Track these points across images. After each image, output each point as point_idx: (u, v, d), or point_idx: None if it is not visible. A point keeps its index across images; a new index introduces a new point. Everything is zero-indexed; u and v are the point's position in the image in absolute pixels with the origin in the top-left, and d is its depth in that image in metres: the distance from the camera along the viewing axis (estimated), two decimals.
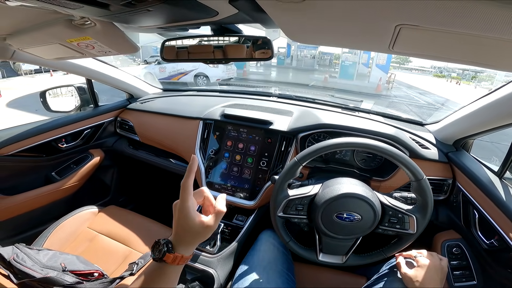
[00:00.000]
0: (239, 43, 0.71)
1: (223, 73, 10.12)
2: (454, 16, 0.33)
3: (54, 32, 0.64)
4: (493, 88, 0.90)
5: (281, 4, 0.40)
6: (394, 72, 14.15)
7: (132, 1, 0.39)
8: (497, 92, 0.86)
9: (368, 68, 15.00)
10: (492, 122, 0.91)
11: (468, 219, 0.97)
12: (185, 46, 0.73)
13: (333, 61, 21.07)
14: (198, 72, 9.51)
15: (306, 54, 19.72)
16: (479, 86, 10.30)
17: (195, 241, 0.51)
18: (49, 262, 0.84)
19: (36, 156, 1.39)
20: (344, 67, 14.85)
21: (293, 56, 19.93)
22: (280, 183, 0.85)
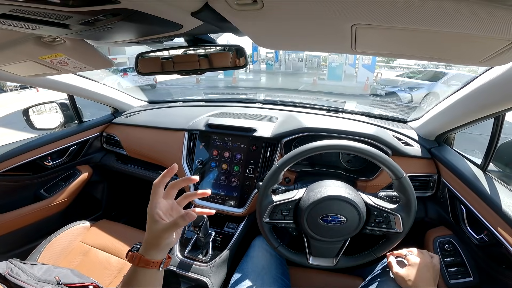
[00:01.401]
0: (224, 51, 0.71)
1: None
2: (397, 12, 0.34)
3: (25, 50, 0.64)
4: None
5: (241, 12, 0.41)
6: (380, 71, 14.38)
7: (89, 20, 0.40)
8: (470, 85, 0.86)
9: (354, 69, 15.22)
10: (469, 115, 0.92)
11: (456, 214, 0.96)
12: (170, 56, 0.73)
13: (321, 64, 21.31)
14: None
15: (294, 58, 19.92)
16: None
17: (156, 242, 0.50)
18: (43, 276, 0.84)
19: (23, 174, 1.38)
20: (332, 68, 15.04)
21: (281, 61, 20.11)
22: (263, 190, 0.85)
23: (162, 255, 0.52)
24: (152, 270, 0.50)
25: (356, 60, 14.88)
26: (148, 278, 0.50)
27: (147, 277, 0.50)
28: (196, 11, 0.44)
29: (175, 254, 1.09)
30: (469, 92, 0.86)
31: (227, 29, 0.57)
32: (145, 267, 0.49)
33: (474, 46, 0.41)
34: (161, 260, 0.51)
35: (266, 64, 20.81)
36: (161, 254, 0.51)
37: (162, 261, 0.51)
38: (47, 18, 0.38)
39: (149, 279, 0.50)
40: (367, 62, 13.61)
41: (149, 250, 0.50)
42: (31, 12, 0.35)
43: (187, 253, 1.09)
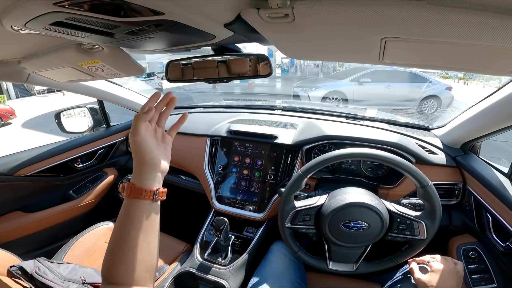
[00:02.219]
0: (244, 58, 0.74)
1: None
2: (428, 26, 0.35)
3: (66, 56, 0.69)
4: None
5: (272, 25, 0.43)
6: None
7: (134, 30, 0.43)
8: (501, 91, 0.85)
9: None
10: (497, 124, 0.90)
11: (482, 222, 0.95)
12: (190, 62, 0.76)
13: (336, 69, 21.07)
14: None
15: (309, 63, 19.83)
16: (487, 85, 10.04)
17: (141, 160, 0.48)
18: (69, 275, 0.88)
19: (54, 176, 1.46)
20: None
21: (297, 66, 20.07)
22: (286, 196, 0.87)
23: (154, 182, 0.48)
24: (145, 202, 0.47)
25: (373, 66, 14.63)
26: (142, 212, 0.46)
27: (141, 210, 0.46)
28: (229, 23, 0.47)
29: (195, 256, 1.12)
30: (498, 100, 0.85)
31: (255, 40, 0.59)
32: (138, 198, 0.46)
33: (503, 57, 0.42)
34: (154, 189, 0.47)
35: (282, 70, 20.84)
36: (151, 179, 0.48)
37: (155, 191, 0.48)
38: (97, 27, 0.41)
39: (144, 212, 0.46)
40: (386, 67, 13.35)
41: (138, 175, 0.48)
42: (83, 21, 0.38)
43: (207, 256, 1.11)
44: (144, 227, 0.46)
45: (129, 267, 0.45)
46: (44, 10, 0.33)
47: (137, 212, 0.46)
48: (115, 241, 0.46)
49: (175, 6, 0.37)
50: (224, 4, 0.40)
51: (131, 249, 0.45)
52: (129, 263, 0.45)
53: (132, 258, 0.45)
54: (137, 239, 0.46)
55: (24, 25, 0.38)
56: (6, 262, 0.83)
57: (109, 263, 0.45)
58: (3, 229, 1.25)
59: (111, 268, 0.45)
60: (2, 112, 8.67)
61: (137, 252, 0.45)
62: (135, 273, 0.45)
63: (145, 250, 0.46)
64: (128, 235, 0.46)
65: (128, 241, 0.45)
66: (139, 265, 0.45)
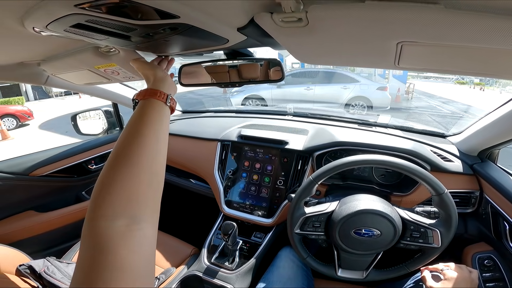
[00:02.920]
0: (254, 62, 0.74)
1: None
2: (446, 30, 0.35)
3: (83, 59, 0.71)
4: None
5: (285, 29, 0.43)
6: (412, 81, 13.73)
7: (150, 33, 0.44)
8: None
9: (385, 79, 14.71)
10: None
11: (498, 230, 0.93)
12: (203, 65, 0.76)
13: None
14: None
15: (320, 67, 19.77)
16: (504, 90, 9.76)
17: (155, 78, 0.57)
18: None
19: (68, 176, 1.50)
20: None
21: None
22: (296, 202, 0.86)
23: (168, 89, 0.54)
24: (160, 103, 0.49)
25: (386, 71, 14.41)
26: (156, 111, 0.48)
27: (156, 109, 0.48)
28: (242, 27, 0.48)
29: (202, 260, 1.12)
30: None
31: (268, 44, 0.59)
32: (153, 98, 0.49)
33: None
34: (168, 93, 0.52)
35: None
36: (165, 87, 0.54)
37: (168, 95, 0.51)
38: (114, 29, 0.42)
39: (157, 111, 0.48)
40: (398, 73, 13.08)
41: (153, 82, 0.55)
42: (102, 23, 0.39)
43: (214, 260, 1.11)
44: (157, 128, 0.45)
45: (133, 173, 0.38)
46: (66, 12, 0.34)
47: (150, 110, 0.47)
48: (121, 144, 0.42)
49: (190, 9, 0.37)
50: (237, 8, 0.40)
51: (139, 150, 0.41)
52: (134, 168, 0.39)
53: (139, 161, 0.40)
54: (148, 139, 0.42)
55: (45, 26, 0.39)
56: (15, 261, 0.84)
57: (111, 166, 0.39)
58: (15, 228, 1.29)
59: (110, 173, 0.38)
60: (20, 113, 8.99)
61: (145, 156, 0.41)
62: (140, 183, 0.38)
63: (155, 156, 0.42)
64: (139, 134, 0.42)
65: (137, 141, 0.41)
66: (145, 172, 0.40)
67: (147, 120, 0.45)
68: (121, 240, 0.33)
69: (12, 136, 7.56)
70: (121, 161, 0.39)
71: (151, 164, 0.41)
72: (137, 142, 0.41)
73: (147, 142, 0.42)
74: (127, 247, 0.33)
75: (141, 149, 0.41)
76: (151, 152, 0.42)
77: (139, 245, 0.34)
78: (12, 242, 1.21)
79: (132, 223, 0.35)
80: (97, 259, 0.31)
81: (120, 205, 0.36)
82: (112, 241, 0.32)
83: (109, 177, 0.38)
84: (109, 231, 0.33)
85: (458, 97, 13.24)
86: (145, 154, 0.41)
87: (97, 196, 0.36)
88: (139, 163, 0.40)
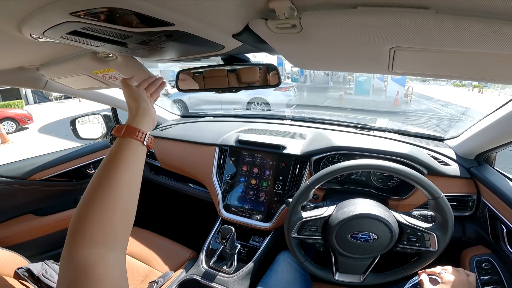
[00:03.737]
0: (251, 66, 0.75)
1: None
2: (437, 35, 0.35)
3: (82, 64, 0.72)
4: None
5: (279, 35, 0.43)
6: (411, 84, 13.78)
7: (145, 40, 0.45)
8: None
9: (384, 82, 14.76)
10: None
11: (496, 233, 0.93)
12: (200, 71, 0.78)
13: (347, 77, 20.99)
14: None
15: (319, 72, 19.84)
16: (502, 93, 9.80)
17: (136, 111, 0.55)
18: None
19: (67, 181, 1.50)
20: (359, 82, 14.65)
21: (307, 75, 20.12)
22: (293, 206, 0.87)
23: (147, 127, 0.54)
24: (137, 143, 0.50)
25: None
26: (133, 151, 0.49)
27: (132, 150, 0.49)
28: (237, 33, 0.48)
29: (200, 264, 1.12)
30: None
31: (264, 50, 0.60)
32: (131, 137, 0.49)
33: None
34: (146, 132, 0.52)
35: (292, 79, 20.93)
36: (144, 124, 0.53)
37: (146, 134, 0.52)
38: (110, 36, 0.43)
39: (134, 152, 0.49)
40: (397, 76, 13.18)
41: (133, 118, 0.53)
42: (98, 30, 0.40)
43: (212, 264, 1.11)
44: (132, 167, 0.47)
45: (108, 208, 0.42)
46: (61, 20, 0.35)
47: (127, 150, 0.48)
48: (98, 180, 0.44)
49: (185, 17, 0.38)
50: (232, 15, 0.41)
51: (114, 187, 0.43)
52: (109, 203, 0.42)
53: (114, 198, 0.43)
54: (123, 177, 0.45)
55: (42, 33, 0.40)
56: (14, 264, 0.84)
57: (88, 200, 0.42)
58: (14, 231, 1.29)
59: (88, 207, 0.42)
60: (19, 117, 8.99)
61: (120, 192, 0.44)
62: (113, 216, 0.42)
63: (129, 193, 0.46)
64: (115, 172, 0.45)
65: (113, 178, 0.44)
66: (119, 207, 0.43)
67: (123, 160, 0.47)
68: (99, 261, 0.38)
69: (12, 139, 7.56)
70: (97, 196, 0.43)
71: (124, 202, 0.45)
72: (112, 181, 0.44)
73: (122, 182, 0.45)
74: (105, 265, 0.38)
75: (115, 187, 0.44)
76: (125, 191, 0.45)
77: (113, 263, 0.40)
78: (10, 245, 1.21)
79: (107, 251, 0.40)
80: (78, 277, 0.36)
81: (97, 236, 0.40)
82: (90, 262, 0.37)
83: (86, 212, 0.42)
84: (87, 256, 0.38)
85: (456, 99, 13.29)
86: (119, 191, 0.44)
87: (76, 226, 0.41)
88: (113, 199, 0.43)
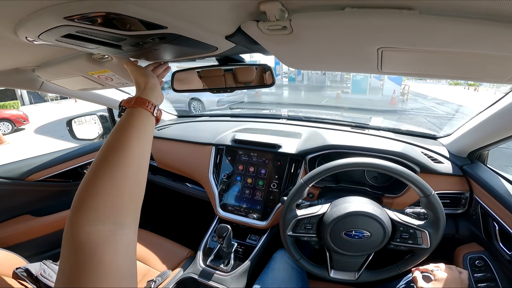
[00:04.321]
0: (248, 66, 0.75)
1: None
2: (422, 35, 0.36)
3: (77, 65, 0.72)
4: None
5: (271, 36, 0.44)
6: (407, 83, 13.85)
7: (139, 42, 0.46)
8: (505, 99, 0.84)
9: (380, 81, 14.81)
10: (505, 131, 0.89)
11: (488, 231, 0.94)
12: (197, 71, 0.77)
13: (344, 77, 21.03)
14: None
15: (316, 71, 19.84)
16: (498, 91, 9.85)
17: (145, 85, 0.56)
18: None
19: (64, 181, 1.50)
20: (356, 81, 14.70)
21: (304, 74, 20.13)
22: (288, 204, 0.88)
23: (156, 99, 0.54)
24: (147, 113, 0.49)
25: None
26: (144, 120, 0.48)
27: (143, 119, 0.48)
28: (230, 35, 0.49)
29: (197, 262, 1.13)
30: (504, 107, 0.83)
31: (257, 50, 0.61)
32: (141, 107, 0.49)
33: (502, 65, 0.42)
34: (155, 103, 0.52)
35: (289, 78, 20.94)
36: (154, 96, 0.54)
37: (156, 105, 0.52)
38: (105, 39, 0.44)
39: (144, 121, 0.48)
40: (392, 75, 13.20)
41: (143, 91, 0.54)
42: (92, 34, 0.41)
43: (209, 262, 1.12)
44: (143, 137, 0.46)
45: (119, 178, 0.39)
46: (56, 24, 0.36)
47: (138, 119, 0.48)
48: (107, 148, 0.42)
49: (177, 20, 0.39)
50: (224, 17, 0.42)
51: (125, 156, 0.41)
52: (120, 173, 0.39)
53: (124, 167, 0.40)
54: (134, 146, 0.43)
55: (37, 36, 0.41)
56: (12, 264, 0.85)
57: (95, 172, 0.39)
58: (12, 231, 1.29)
59: (95, 177, 0.38)
60: (15, 117, 8.92)
61: (130, 161, 0.41)
62: (123, 188, 0.39)
63: (139, 164, 0.43)
64: (126, 140, 0.43)
65: (123, 147, 0.42)
66: (130, 178, 0.40)
67: (134, 129, 0.45)
68: (105, 244, 0.34)
69: (8, 140, 7.50)
70: (106, 167, 0.39)
71: (135, 172, 0.42)
72: (123, 150, 0.41)
73: (132, 151, 0.42)
74: (111, 250, 0.34)
75: (126, 157, 0.41)
76: (136, 160, 0.42)
77: (122, 248, 0.35)
78: (8, 246, 1.21)
79: (115, 228, 0.36)
80: (82, 263, 0.31)
81: (104, 211, 0.36)
82: (97, 245, 0.33)
83: (93, 183, 0.38)
84: (93, 236, 0.34)
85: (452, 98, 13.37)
86: (130, 162, 0.41)
87: (81, 201, 0.37)
88: (124, 170, 0.40)
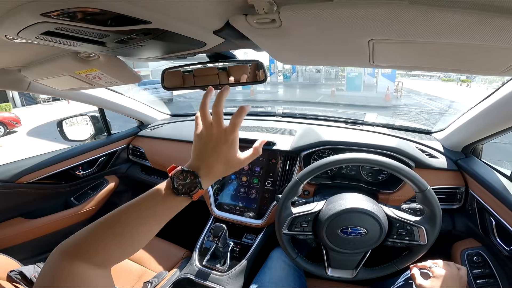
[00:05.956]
0: (242, 64, 0.74)
1: None
2: (412, 26, 0.35)
3: (63, 65, 0.70)
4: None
5: (260, 30, 0.43)
6: (401, 80, 13.96)
7: (123, 38, 0.44)
8: (499, 92, 0.83)
9: (374, 78, 14.92)
10: (497, 126, 0.89)
11: (485, 226, 0.93)
12: (191, 70, 0.75)
13: (339, 74, 21.11)
14: None
15: (311, 68, 19.93)
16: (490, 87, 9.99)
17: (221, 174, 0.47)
18: None
19: (56, 183, 1.47)
20: (350, 79, 14.80)
21: (299, 72, 20.17)
22: (282, 202, 0.86)
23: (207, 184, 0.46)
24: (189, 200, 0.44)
25: (375, 70, 14.64)
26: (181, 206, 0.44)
27: (183, 204, 0.44)
28: (218, 30, 0.48)
29: (194, 263, 1.11)
30: (496, 101, 0.84)
31: (247, 46, 0.60)
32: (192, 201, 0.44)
33: (494, 57, 0.41)
34: (202, 191, 0.44)
35: (284, 76, 20.96)
36: (211, 182, 0.47)
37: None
38: (87, 36, 0.42)
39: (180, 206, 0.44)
40: (387, 71, 13.33)
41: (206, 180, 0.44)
42: (73, 30, 0.39)
43: (206, 262, 1.11)
44: (165, 219, 0.44)
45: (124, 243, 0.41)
46: (33, 21, 0.34)
47: (177, 209, 0.44)
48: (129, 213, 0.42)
49: (161, 15, 0.37)
50: (211, 11, 0.40)
51: (138, 229, 0.41)
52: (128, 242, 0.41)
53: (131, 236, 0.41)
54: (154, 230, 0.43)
55: (16, 34, 0.39)
56: (6, 267, 0.84)
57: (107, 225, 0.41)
58: (5, 234, 1.27)
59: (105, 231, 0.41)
60: (7, 120, 8.80)
61: (142, 237, 0.42)
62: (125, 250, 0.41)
63: (147, 238, 0.43)
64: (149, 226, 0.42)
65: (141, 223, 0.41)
66: (135, 244, 0.42)
67: (164, 217, 0.44)
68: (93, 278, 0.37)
69: (0, 143, 7.39)
70: (116, 228, 0.41)
71: (138, 241, 0.43)
72: (138, 225, 0.41)
73: (146, 228, 0.42)
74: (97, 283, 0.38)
75: (137, 229, 0.41)
76: (144, 234, 0.43)
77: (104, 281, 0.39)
78: (1, 249, 1.18)
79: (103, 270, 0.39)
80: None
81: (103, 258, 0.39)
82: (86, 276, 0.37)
83: (101, 233, 0.41)
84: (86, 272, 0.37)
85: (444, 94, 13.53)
86: (138, 233, 0.42)
87: (88, 242, 0.41)
88: (129, 238, 0.41)
